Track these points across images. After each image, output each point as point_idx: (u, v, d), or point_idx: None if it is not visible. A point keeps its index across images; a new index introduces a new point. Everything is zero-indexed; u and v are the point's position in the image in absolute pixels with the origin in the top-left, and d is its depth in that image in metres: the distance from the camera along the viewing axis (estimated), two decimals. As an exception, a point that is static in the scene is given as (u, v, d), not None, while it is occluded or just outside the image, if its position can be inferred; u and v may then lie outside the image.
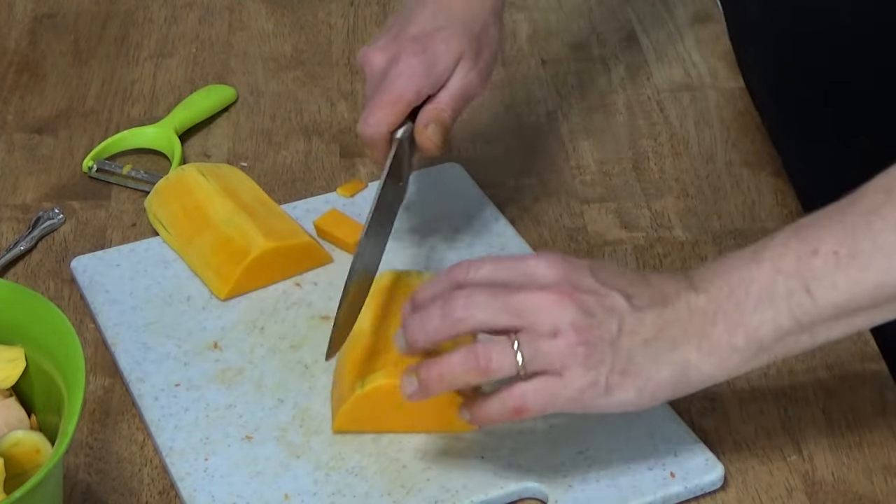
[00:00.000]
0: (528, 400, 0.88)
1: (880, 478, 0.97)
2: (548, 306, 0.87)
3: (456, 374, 0.88)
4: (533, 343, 0.87)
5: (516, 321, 0.87)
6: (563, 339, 0.87)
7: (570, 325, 0.87)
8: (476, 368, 0.88)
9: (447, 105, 1.06)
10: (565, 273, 0.89)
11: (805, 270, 0.86)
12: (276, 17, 1.44)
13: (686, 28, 1.41)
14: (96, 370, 1.06)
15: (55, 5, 1.46)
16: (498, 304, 0.88)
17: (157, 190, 1.17)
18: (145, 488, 0.97)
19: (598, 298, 0.88)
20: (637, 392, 0.88)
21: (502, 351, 0.87)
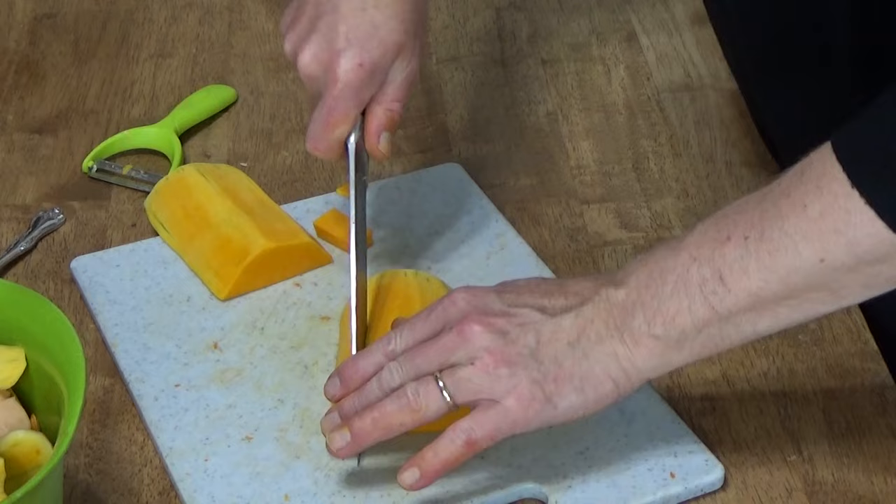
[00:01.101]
0: (474, 432, 0.88)
1: (880, 478, 0.97)
2: (460, 341, 0.89)
3: (390, 417, 0.89)
4: (454, 375, 0.88)
5: (439, 366, 0.89)
6: (481, 363, 0.88)
7: (484, 350, 0.88)
8: (409, 408, 0.89)
9: (396, 102, 1.03)
10: (472, 302, 0.91)
11: (718, 257, 0.86)
12: (276, 17, 1.44)
13: (686, 28, 1.41)
14: (96, 370, 1.06)
15: (55, 5, 1.46)
16: (420, 358, 0.90)
17: (157, 190, 1.17)
18: (145, 488, 0.97)
19: (508, 318, 0.89)
20: (578, 393, 0.88)
21: (428, 388, 0.89)
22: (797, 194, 0.84)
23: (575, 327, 0.88)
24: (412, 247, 1.14)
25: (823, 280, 0.84)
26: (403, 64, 1.03)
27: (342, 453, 0.91)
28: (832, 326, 1.08)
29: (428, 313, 0.92)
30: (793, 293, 0.85)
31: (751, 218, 0.85)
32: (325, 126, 1.02)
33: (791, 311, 0.86)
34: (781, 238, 0.84)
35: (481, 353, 0.88)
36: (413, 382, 0.89)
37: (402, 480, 0.90)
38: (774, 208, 0.84)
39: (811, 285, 0.84)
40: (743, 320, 0.86)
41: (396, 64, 1.03)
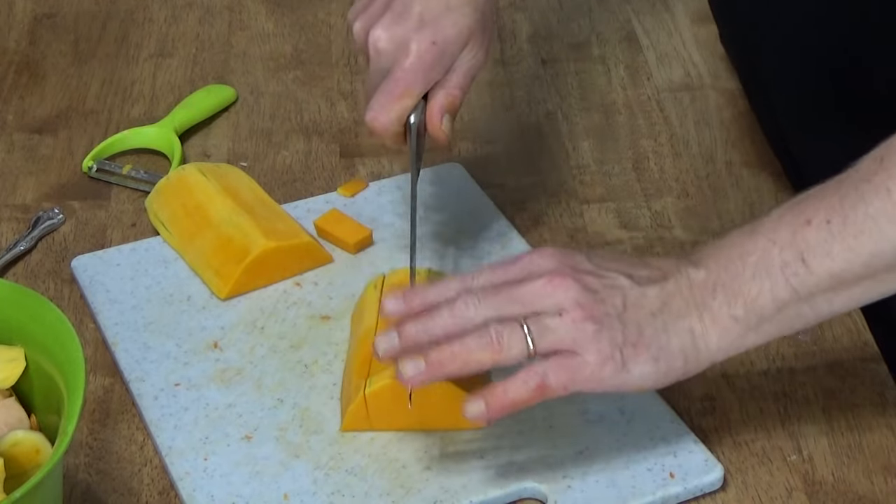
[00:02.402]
0: (549, 377, 0.88)
1: (880, 478, 0.97)
2: (550, 291, 0.89)
3: (470, 352, 0.88)
4: (540, 322, 0.88)
5: (523, 310, 0.89)
6: (569, 316, 0.88)
7: (574, 303, 0.88)
8: (489, 347, 0.88)
9: (458, 88, 1.04)
10: (562, 259, 0.91)
11: (800, 241, 0.88)
12: (276, 17, 1.44)
13: (686, 28, 1.41)
14: (96, 370, 1.06)
15: (55, 5, 1.47)
16: (503, 298, 0.89)
17: (158, 189, 1.17)
18: (145, 488, 0.97)
19: (598, 277, 0.90)
20: (653, 363, 0.89)
21: (513, 331, 0.88)
22: (879, 179, 0.86)
23: (659, 298, 0.90)
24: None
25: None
26: (471, 53, 1.04)
27: (414, 381, 0.90)
28: (832, 326, 1.08)
29: (512, 262, 0.92)
30: (873, 274, 0.87)
31: (831, 202, 0.87)
32: (391, 96, 1.02)
33: (866, 291, 0.88)
34: (865, 221, 0.86)
35: (571, 306, 0.88)
36: (496, 323, 0.88)
37: (467, 411, 0.89)
38: (856, 193, 0.86)
39: (892, 266, 0.87)
40: (820, 300, 0.89)
41: (465, 52, 1.04)
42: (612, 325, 0.88)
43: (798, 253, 0.88)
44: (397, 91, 1.02)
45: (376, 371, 0.97)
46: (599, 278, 0.90)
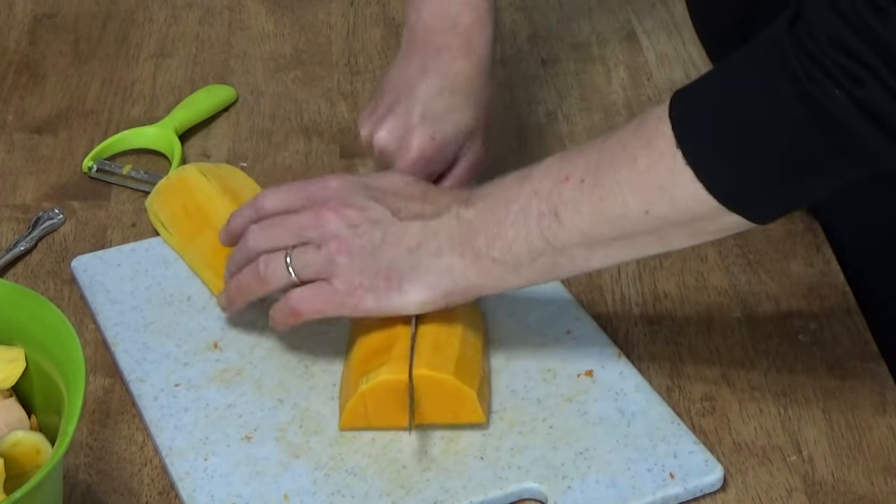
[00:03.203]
0: (300, 304, 0.98)
1: (880, 478, 0.97)
2: (314, 223, 0.98)
3: (245, 286, 1.01)
4: (301, 255, 0.98)
5: (294, 240, 0.99)
6: (325, 249, 0.97)
7: (332, 237, 0.97)
8: (257, 279, 1.00)
9: (462, 182, 1.09)
10: (337, 191, 0.99)
11: (556, 195, 0.92)
12: (276, 17, 1.44)
13: (686, 28, 1.41)
14: (96, 370, 1.06)
15: (55, 5, 1.46)
16: (275, 230, 1.00)
17: (158, 190, 1.17)
18: (145, 488, 0.97)
19: (363, 212, 0.98)
20: (400, 295, 0.96)
21: (276, 263, 0.99)
22: (631, 147, 0.89)
23: (418, 235, 0.96)
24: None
25: (650, 228, 0.90)
26: (473, 147, 1.10)
27: (225, 311, 1.06)
28: (832, 326, 1.08)
29: (303, 186, 1.02)
30: (622, 236, 0.91)
31: (588, 162, 0.91)
32: None
33: (621, 251, 0.92)
34: (612, 186, 0.90)
35: (329, 239, 0.97)
36: (266, 255, 0.99)
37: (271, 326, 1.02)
38: (610, 156, 0.90)
39: (639, 231, 0.90)
40: (576, 254, 0.93)
41: (466, 146, 1.09)
42: (364, 259, 0.96)
43: (553, 207, 0.92)
44: None
45: (374, 368, 0.97)
46: (364, 212, 0.97)
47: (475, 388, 0.97)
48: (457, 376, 0.96)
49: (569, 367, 1.03)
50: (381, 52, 1.39)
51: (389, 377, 0.96)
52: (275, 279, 0.99)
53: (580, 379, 1.02)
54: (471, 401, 0.97)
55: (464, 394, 0.96)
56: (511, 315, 1.07)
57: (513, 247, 0.93)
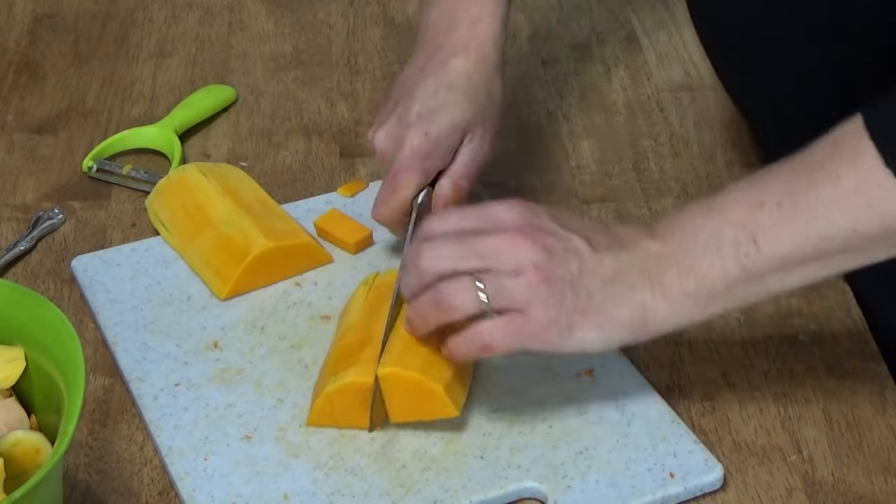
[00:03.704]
0: (494, 337, 0.92)
1: (880, 478, 0.97)
2: (510, 247, 0.91)
3: (427, 315, 0.94)
4: (496, 281, 0.91)
5: (481, 264, 0.91)
6: (524, 277, 0.90)
7: (531, 265, 0.90)
8: (438, 305, 0.92)
9: (463, 178, 1.08)
10: (526, 216, 0.93)
11: (752, 222, 0.89)
12: (276, 17, 1.44)
13: (686, 28, 1.41)
14: (96, 370, 1.06)
15: (55, 5, 1.47)
16: (462, 250, 0.92)
17: (158, 189, 1.18)
18: (145, 488, 0.97)
19: (558, 239, 0.92)
20: (598, 331, 0.91)
21: (465, 289, 0.91)
22: (831, 166, 0.87)
23: (613, 268, 0.91)
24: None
25: (854, 245, 0.88)
26: (473, 144, 1.08)
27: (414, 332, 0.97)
28: (832, 326, 1.08)
29: (478, 209, 0.94)
30: (823, 256, 0.89)
31: (784, 185, 0.89)
32: (389, 189, 1.06)
33: (818, 271, 0.90)
34: (816, 207, 0.88)
35: (528, 267, 0.90)
36: (448, 281, 0.92)
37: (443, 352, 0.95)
38: (808, 178, 0.88)
39: (841, 249, 0.88)
40: (773, 278, 0.90)
41: (465, 143, 1.08)
42: (563, 290, 0.91)
43: (750, 234, 0.89)
44: (395, 184, 1.06)
45: (343, 368, 0.98)
46: (559, 240, 0.92)
47: (443, 382, 0.96)
48: (423, 372, 0.96)
49: (569, 367, 1.03)
50: (381, 52, 1.39)
51: (355, 379, 0.97)
52: (463, 307, 0.92)
53: (580, 379, 1.02)
54: (439, 396, 0.96)
55: (431, 390, 0.96)
56: (511, 315, 1.07)
57: (707, 277, 0.90)
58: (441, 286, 0.92)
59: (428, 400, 0.96)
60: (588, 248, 0.92)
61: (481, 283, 0.91)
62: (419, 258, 0.93)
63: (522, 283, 0.90)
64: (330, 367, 1.00)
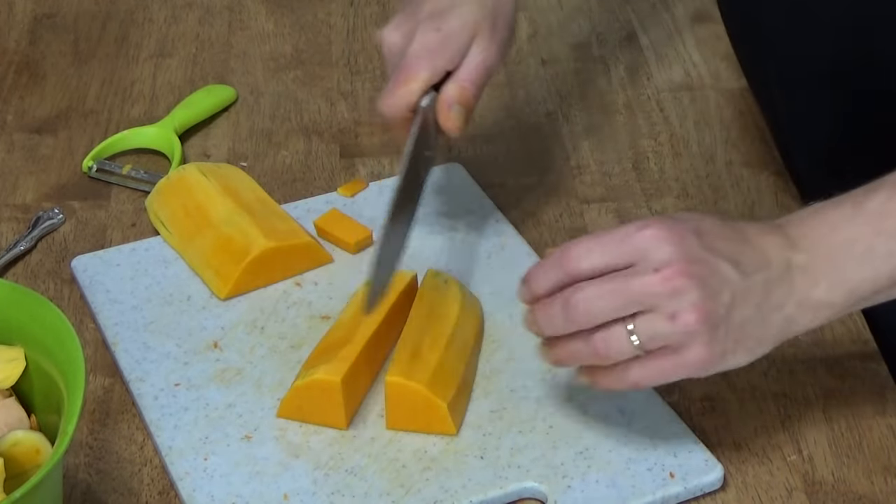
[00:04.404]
0: (646, 378, 0.90)
1: (880, 478, 0.97)
2: (666, 290, 0.87)
3: (580, 357, 0.91)
4: (651, 326, 0.88)
5: (637, 308, 0.88)
6: (682, 320, 0.87)
7: (689, 305, 0.87)
8: (597, 356, 0.90)
9: (469, 81, 1.06)
10: (677, 247, 0.88)
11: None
12: (276, 17, 1.44)
13: (686, 28, 1.41)
14: (96, 370, 1.06)
15: (55, 5, 1.46)
16: (617, 298, 0.88)
17: (158, 189, 1.18)
18: (145, 488, 0.97)
19: (709, 269, 0.88)
20: (747, 353, 0.90)
21: (621, 339, 0.88)
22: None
23: (763, 289, 0.89)
24: (413, 246, 1.14)
25: None
26: (480, 47, 1.06)
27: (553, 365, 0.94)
28: (832, 326, 1.08)
29: (622, 239, 0.89)
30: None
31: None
32: (397, 82, 1.05)
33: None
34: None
35: (685, 308, 0.87)
36: (602, 332, 0.89)
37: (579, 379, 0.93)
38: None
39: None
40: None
41: (474, 46, 1.06)
42: (718, 326, 0.88)
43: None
44: (403, 76, 1.05)
45: (317, 364, 0.98)
46: (710, 269, 0.88)
47: (447, 399, 0.97)
48: (430, 387, 0.97)
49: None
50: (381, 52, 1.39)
51: (323, 377, 0.97)
52: (617, 355, 0.89)
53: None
54: (442, 413, 0.97)
55: (435, 406, 0.96)
56: (511, 315, 1.07)
57: (856, 290, 0.89)
58: (597, 339, 0.89)
59: (429, 415, 0.97)
60: (738, 276, 0.88)
61: (634, 326, 0.88)
62: (570, 308, 0.89)
63: (679, 325, 0.87)
64: (310, 360, 1.00)
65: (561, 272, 0.90)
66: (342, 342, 1.00)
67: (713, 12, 1.42)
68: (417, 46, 1.05)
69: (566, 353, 0.92)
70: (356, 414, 1.00)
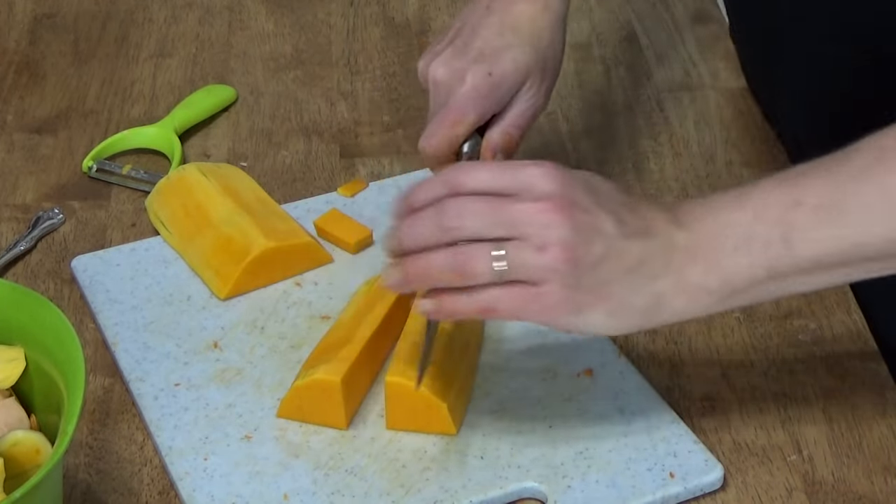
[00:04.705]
0: (499, 303, 0.88)
1: (880, 478, 0.97)
2: (540, 220, 0.87)
3: (436, 271, 0.88)
4: (519, 254, 0.87)
5: (508, 233, 0.87)
6: (549, 254, 0.87)
7: (558, 241, 0.87)
8: (455, 270, 0.88)
9: (515, 128, 1.05)
10: (562, 186, 0.88)
11: (786, 221, 0.87)
12: (276, 17, 1.44)
13: (686, 28, 1.41)
14: (96, 370, 1.06)
15: (55, 5, 1.47)
16: (491, 215, 0.88)
17: (159, 189, 1.18)
18: (145, 488, 0.97)
19: (590, 216, 0.88)
20: (607, 315, 0.89)
21: (484, 257, 0.87)
22: (877, 171, 0.85)
23: (638, 256, 0.88)
24: (412, 247, 1.14)
25: (885, 254, 0.86)
26: (530, 93, 1.05)
27: (392, 289, 0.92)
28: (832, 326, 1.08)
29: (515, 169, 0.89)
30: (852, 261, 0.87)
31: (824, 186, 0.86)
32: (443, 123, 1.03)
33: (842, 276, 0.88)
34: (858, 213, 0.85)
35: (553, 242, 0.87)
36: (467, 247, 0.88)
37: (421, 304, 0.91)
38: (852, 182, 0.86)
39: (872, 257, 0.86)
40: (795, 280, 0.88)
41: (523, 90, 1.05)
42: (584, 273, 0.87)
43: (783, 234, 0.87)
44: (450, 118, 1.03)
45: (317, 364, 0.98)
46: (591, 217, 0.88)
47: (447, 400, 0.97)
48: (430, 387, 0.96)
49: (569, 367, 1.03)
50: (381, 52, 1.39)
51: (323, 377, 0.97)
52: (475, 275, 0.88)
53: (580, 378, 1.02)
54: (442, 413, 0.97)
55: (435, 406, 0.97)
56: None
57: (731, 276, 0.88)
58: (460, 249, 0.88)
59: (429, 415, 0.97)
60: (616, 232, 0.88)
61: (502, 252, 0.87)
62: (443, 213, 0.88)
63: (546, 259, 0.86)
64: (310, 360, 1.00)
65: (444, 187, 0.90)
66: (342, 342, 1.00)
67: (713, 12, 1.42)
68: (468, 89, 1.03)
69: (420, 267, 0.89)
70: (356, 414, 1.00)
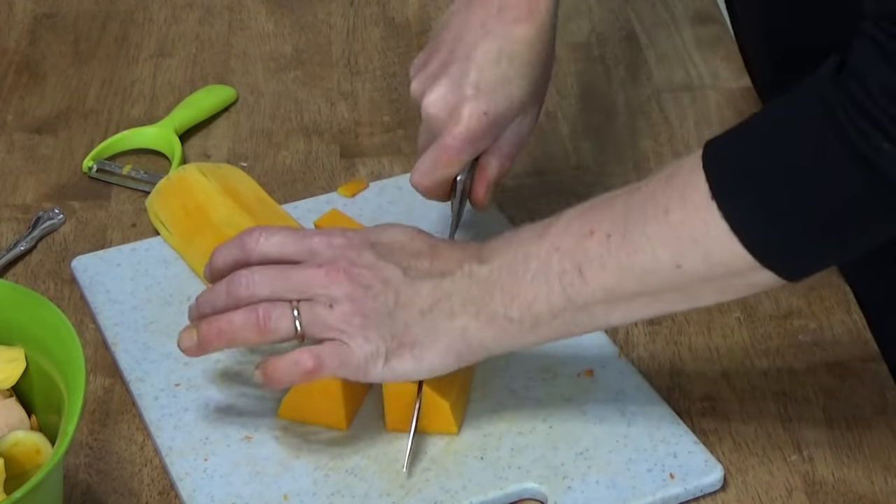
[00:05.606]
0: (323, 360, 0.91)
1: (880, 478, 0.97)
2: (324, 282, 0.91)
3: (235, 330, 0.92)
4: (312, 310, 0.91)
5: (297, 296, 0.92)
6: (339, 309, 0.91)
7: (345, 297, 0.91)
8: (255, 326, 0.92)
9: (509, 158, 1.05)
10: (343, 250, 0.93)
11: (579, 251, 0.88)
12: (276, 17, 1.44)
13: (686, 28, 1.41)
14: (96, 370, 1.06)
15: (55, 5, 1.46)
16: (281, 280, 0.92)
17: (159, 189, 1.18)
18: (145, 488, 0.97)
19: (374, 272, 0.92)
20: (415, 362, 0.91)
21: (282, 314, 0.91)
22: (662, 198, 0.86)
23: (431, 297, 0.91)
24: (412, 247, 1.14)
25: (678, 284, 0.86)
26: (525, 122, 1.05)
27: (188, 353, 0.95)
28: (832, 326, 1.08)
29: (301, 238, 0.94)
30: (647, 291, 0.87)
31: (615, 216, 0.88)
32: (436, 163, 1.03)
33: (645, 307, 0.89)
34: (641, 240, 0.86)
35: (342, 300, 0.91)
36: (267, 303, 0.92)
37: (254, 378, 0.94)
38: (640, 210, 0.86)
39: (666, 287, 0.87)
40: (598, 310, 0.89)
41: (515, 122, 1.04)
42: (380, 322, 0.91)
43: (576, 263, 0.88)
44: (444, 158, 1.03)
45: None
46: (375, 272, 0.92)
47: (450, 399, 0.97)
48: (430, 384, 0.96)
49: (569, 367, 1.03)
50: (382, 52, 1.39)
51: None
52: (278, 330, 0.92)
53: (580, 379, 1.02)
54: (444, 412, 0.97)
55: (438, 405, 0.96)
56: (511, 315, 1.07)
57: (532, 306, 0.90)
58: (259, 308, 0.92)
59: (431, 414, 0.97)
60: (403, 278, 0.91)
61: (296, 308, 0.91)
62: (233, 284, 0.93)
63: (337, 314, 0.91)
64: None
65: (239, 250, 0.95)
66: None
67: (713, 12, 1.42)
68: (464, 129, 1.02)
69: (218, 328, 0.92)
70: (356, 414, 1.00)
